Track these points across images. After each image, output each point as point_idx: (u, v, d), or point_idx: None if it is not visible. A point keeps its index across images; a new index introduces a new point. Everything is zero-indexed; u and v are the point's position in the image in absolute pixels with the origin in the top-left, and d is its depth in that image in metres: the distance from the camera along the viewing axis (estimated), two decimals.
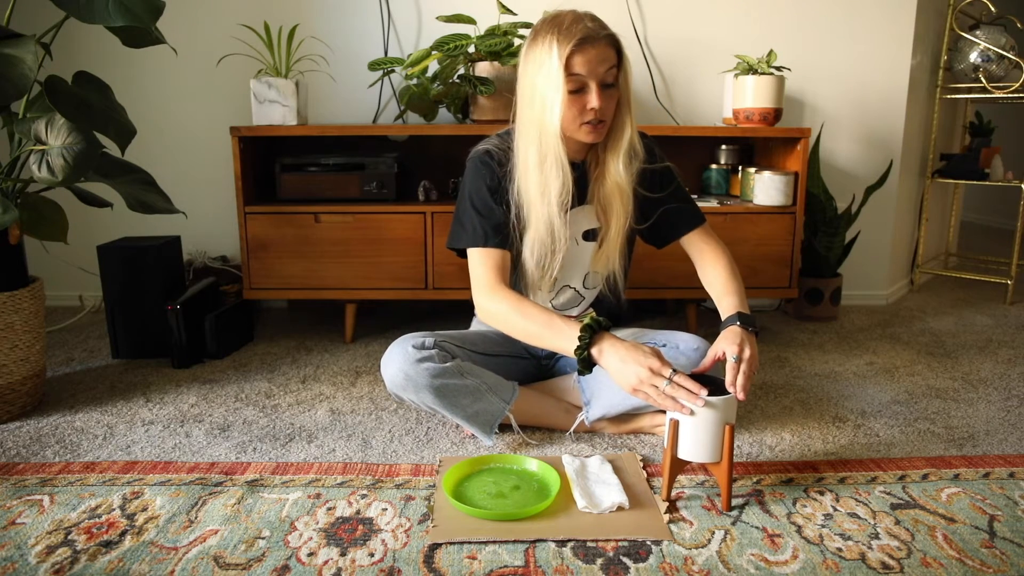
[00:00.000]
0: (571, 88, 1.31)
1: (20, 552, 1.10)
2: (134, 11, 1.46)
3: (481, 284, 1.42)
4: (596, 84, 1.31)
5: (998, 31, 2.68)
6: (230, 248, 2.52)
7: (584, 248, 1.52)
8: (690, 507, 1.25)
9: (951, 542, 1.15)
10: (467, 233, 1.43)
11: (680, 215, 1.54)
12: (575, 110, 1.32)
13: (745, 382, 1.24)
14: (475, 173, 1.45)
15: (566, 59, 1.28)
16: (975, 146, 2.92)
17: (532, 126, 1.35)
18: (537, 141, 1.35)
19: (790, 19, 2.50)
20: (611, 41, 1.33)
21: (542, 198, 1.37)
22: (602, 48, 1.30)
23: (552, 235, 1.41)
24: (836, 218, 2.41)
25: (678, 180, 1.55)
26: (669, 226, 1.54)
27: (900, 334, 2.34)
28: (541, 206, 1.38)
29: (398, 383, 1.41)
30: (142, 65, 2.42)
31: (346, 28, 2.44)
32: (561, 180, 1.36)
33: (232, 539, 1.14)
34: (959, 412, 1.69)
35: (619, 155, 1.40)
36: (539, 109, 1.33)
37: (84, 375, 1.91)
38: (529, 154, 1.37)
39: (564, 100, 1.30)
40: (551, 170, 1.35)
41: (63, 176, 1.47)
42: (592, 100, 1.31)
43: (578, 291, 1.57)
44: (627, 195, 1.43)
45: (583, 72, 1.30)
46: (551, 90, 1.30)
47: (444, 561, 1.09)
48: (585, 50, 1.29)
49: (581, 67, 1.29)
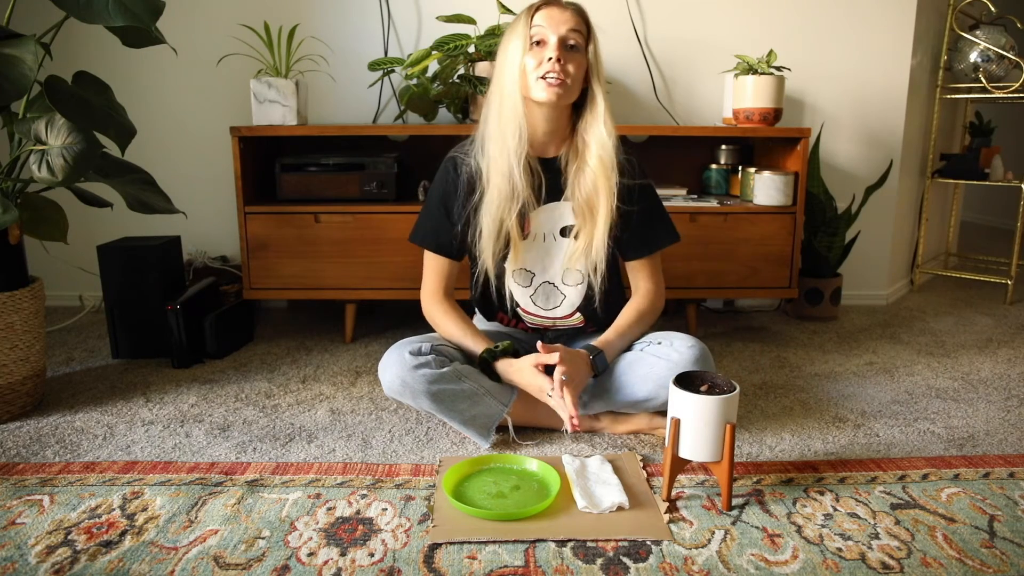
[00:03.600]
0: (533, 40, 1.39)
1: (20, 552, 1.10)
2: (134, 11, 1.45)
3: (425, 287, 1.58)
4: (557, 39, 1.37)
5: (998, 31, 2.68)
6: (230, 248, 2.52)
7: (561, 244, 1.52)
8: (690, 507, 1.25)
9: (951, 542, 1.15)
10: (422, 233, 1.57)
11: (635, 240, 1.55)
12: (534, 61, 1.38)
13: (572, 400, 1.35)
14: (437, 181, 1.55)
15: (531, 16, 1.39)
16: (975, 146, 2.92)
17: (497, 87, 1.44)
18: (499, 98, 1.43)
19: (790, 19, 2.50)
20: (577, 11, 1.42)
21: (501, 152, 1.42)
22: (567, 11, 1.40)
23: (512, 185, 1.43)
24: (836, 218, 2.41)
25: (655, 202, 1.57)
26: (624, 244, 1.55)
27: (900, 334, 2.34)
28: (501, 159, 1.42)
29: (395, 389, 1.42)
30: (142, 65, 2.42)
31: (346, 28, 2.44)
32: (518, 134, 1.41)
33: (232, 539, 1.14)
34: (959, 412, 1.69)
35: (598, 125, 1.43)
36: (502, 68, 1.43)
37: (84, 375, 1.91)
38: (490, 112, 1.45)
39: (525, 52, 1.39)
40: (508, 123, 1.41)
41: (63, 176, 1.47)
42: (549, 49, 1.37)
43: (557, 287, 1.56)
44: (611, 172, 1.43)
45: (543, 23, 1.38)
46: (514, 46, 1.40)
47: (444, 561, 1.09)
48: (548, 9, 1.40)
49: (542, 19, 1.39)
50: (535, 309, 1.58)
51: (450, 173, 1.52)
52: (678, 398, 1.22)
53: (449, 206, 1.52)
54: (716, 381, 1.27)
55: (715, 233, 2.13)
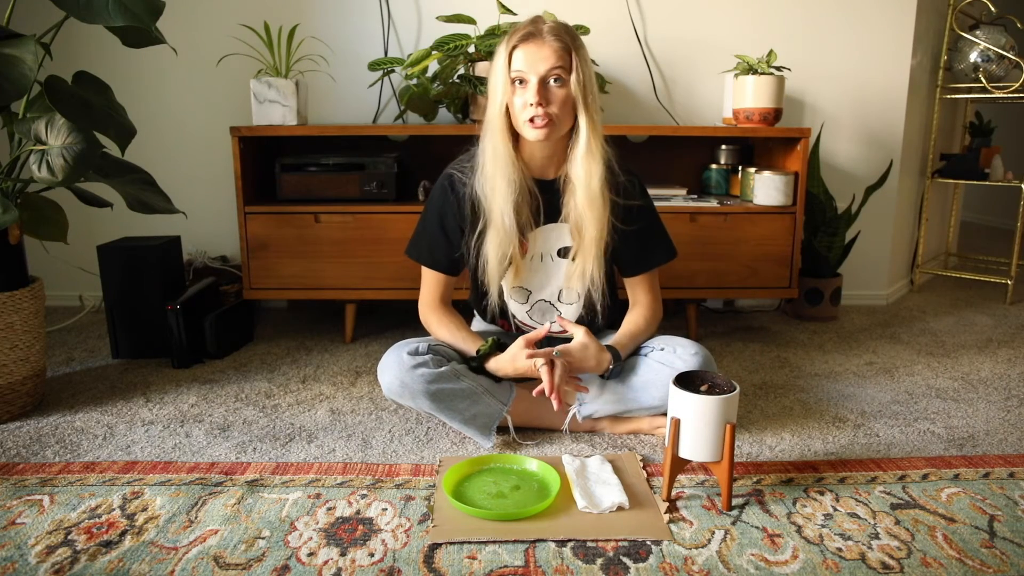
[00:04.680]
0: (514, 80, 1.37)
1: (20, 552, 1.10)
2: (134, 11, 1.46)
3: (423, 297, 1.59)
4: (537, 79, 1.34)
5: (998, 31, 2.68)
6: (230, 248, 2.52)
7: (559, 264, 1.53)
8: (690, 507, 1.25)
9: (951, 542, 1.15)
10: (418, 250, 1.57)
11: (634, 258, 1.56)
12: (520, 101, 1.37)
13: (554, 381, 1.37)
14: (435, 198, 1.53)
15: (509, 55, 1.36)
16: (975, 146, 2.92)
17: (490, 123, 1.42)
18: (492, 137, 1.41)
19: (790, 19, 2.50)
20: (558, 42, 1.35)
21: (495, 194, 1.42)
22: (544, 46, 1.34)
23: (506, 228, 1.43)
24: (836, 218, 2.41)
25: (653, 221, 1.57)
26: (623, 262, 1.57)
27: (900, 334, 2.34)
28: (494, 201, 1.42)
29: (394, 390, 1.43)
30: (142, 65, 2.42)
31: (346, 28, 2.44)
32: (507, 178, 1.40)
33: (232, 539, 1.14)
34: (959, 412, 1.69)
35: (579, 157, 1.40)
36: (490, 105, 1.41)
37: (84, 375, 1.91)
38: (486, 150, 1.43)
39: (506, 93, 1.37)
40: (499, 167, 1.41)
41: (63, 176, 1.47)
42: (529, 95, 1.35)
43: (553, 304, 1.58)
44: (599, 201, 1.42)
45: (522, 68, 1.35)
46: (497, 86, 1.39)
47: (444, 561, 1.09)
48: (527, 46, 1.35)
49: (520, 62, 1.36)
50: (532, 323, 1.61)
51: (448, 193, 1.50)
52: (678, 398, 1.22)
53: (447, 226, 1.51)
54: (716, 381, 1.27)
55: (715, 233, 2.13)
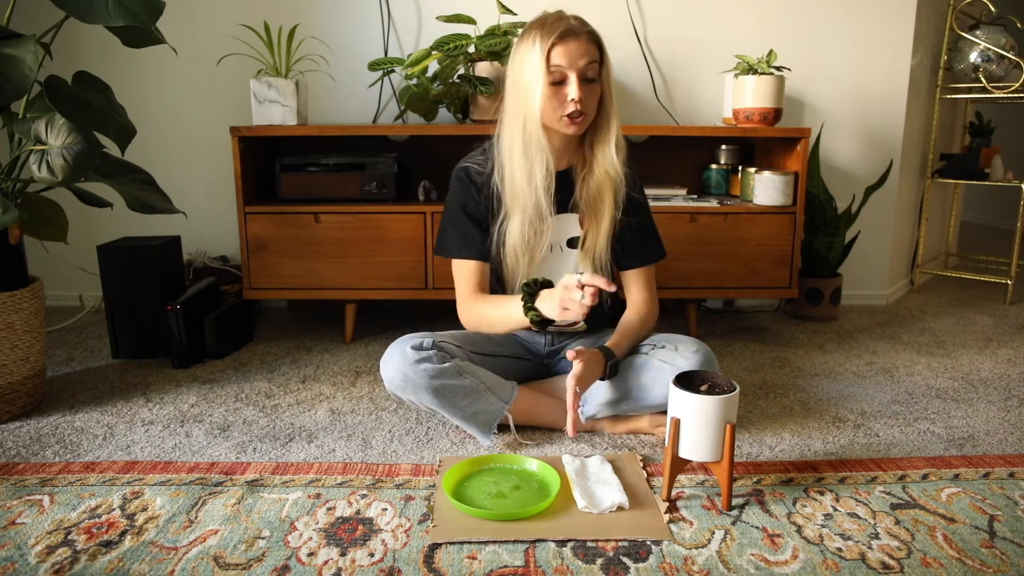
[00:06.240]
0: (552, 80, 1.37)
1: (20, 552, 1.10)
2: (134, 11, 1.45)
3: (461, 294, 1.55)
4: (576, 76, 1.37)
5: (998, 31, 2.67)
6: (230, 248, 2.52)
7: (568, 255, 1.55)
8: (690, 507, 1.25)
9: (951, 542, 1.15)
10: (451, 245, 1.55)
11: (631, 250, 1.58)
12: (556, 101, 1.38)
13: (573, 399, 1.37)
14: (454, 192, 1.54)
15: (548, 51, 1.36)
16: (975, 146, 2.92)
17: (517, 117, 1.42)
18: (522, 130, 1.41)
19: (790, 19, 2.50)
20: (592, 38, 1.40)
21: (529, 183, 1.43)
22: (583, 43, 1.37)
23: (540, 215, 1.45)
24: (836, 218, 2.41)
25: (647, 215, 1.61)
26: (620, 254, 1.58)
27: (900, 334, 2.34)
28: (528, 190, 1.43)
29: (396, 384, 1.42)
30: (142, 65, 2.42)
31: (346, 28, 2.44)
32: (545, 166, 1.42)
33: (232, 539, 1.14)
34: (959, 412, 1.69)
35: (609, 145, 1.45)
36: (523, 100, 1.40)
37: (84, 375, 1.91)
38: (514, 142, 1.43)
39: (545, 91, 1.37)
40: (536, 156, 1.42)
41: (63, 176, 1.47)
42: (572, 91, 1.36)
43: None
44: (616, 185, 1.47)
45: (563, 64, 1.36)
46: (534, 82, 1.38)
47: (444, 561, 1.09)
48: (566, 43, 1.36)
49: (561, 59, 1.36)
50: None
51: (467, 183, 1.52)
52: (678, 398, 1.22)
53: (472, 213, 1.52)
54: (716, 381, 1.27)
55: (715, 233, 2.13)
